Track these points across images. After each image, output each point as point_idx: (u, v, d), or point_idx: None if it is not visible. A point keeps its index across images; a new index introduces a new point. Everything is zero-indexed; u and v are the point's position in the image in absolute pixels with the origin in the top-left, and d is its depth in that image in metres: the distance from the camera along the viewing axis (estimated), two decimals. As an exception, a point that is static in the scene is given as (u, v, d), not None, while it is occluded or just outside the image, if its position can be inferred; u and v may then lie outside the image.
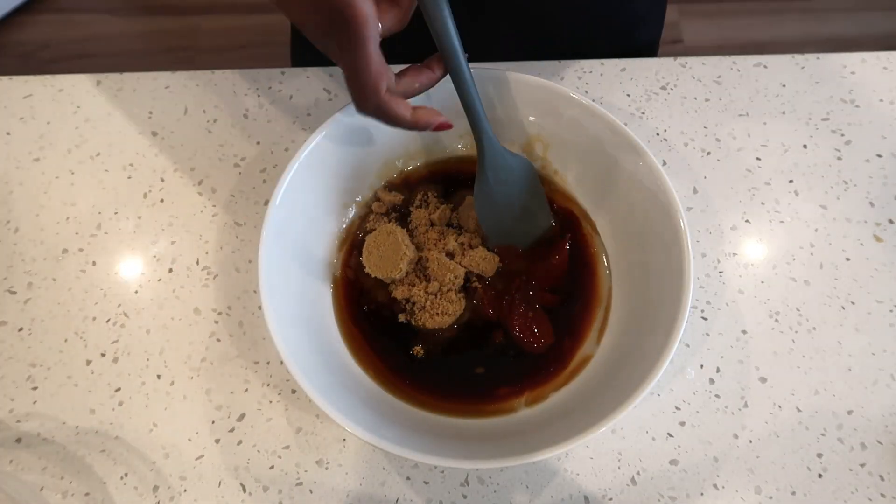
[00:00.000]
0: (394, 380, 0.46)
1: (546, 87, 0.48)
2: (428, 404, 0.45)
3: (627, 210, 0.48)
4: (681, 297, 0.41)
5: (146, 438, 0.46)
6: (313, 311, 0.47)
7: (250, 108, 0.58)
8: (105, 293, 0.51)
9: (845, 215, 0.55)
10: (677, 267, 0.42)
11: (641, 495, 0.45)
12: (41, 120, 0.58)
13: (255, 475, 0.45)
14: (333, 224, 0.50)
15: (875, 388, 0.48)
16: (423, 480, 0.45)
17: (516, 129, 0.51)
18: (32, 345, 0.49)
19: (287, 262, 0.45)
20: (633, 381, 0.39)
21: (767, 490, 0.45)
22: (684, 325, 0.40)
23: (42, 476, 0.45)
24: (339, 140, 0.48)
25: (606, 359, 0.45)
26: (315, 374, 0.41)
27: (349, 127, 0.48)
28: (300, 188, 0.46)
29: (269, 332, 0.40)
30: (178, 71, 0.60)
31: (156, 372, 0.48)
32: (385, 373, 0.46)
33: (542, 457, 0.38)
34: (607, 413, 0.38)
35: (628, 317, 0.46)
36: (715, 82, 0.60)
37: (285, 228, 0.45)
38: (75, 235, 0.53)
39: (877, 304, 0.51)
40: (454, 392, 0.46)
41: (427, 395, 0.45)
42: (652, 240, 0.45)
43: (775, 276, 0.52)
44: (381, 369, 0.46)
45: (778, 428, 0.47)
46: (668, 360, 0.39)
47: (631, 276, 0.48)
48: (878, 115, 0.59)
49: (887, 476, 0.46)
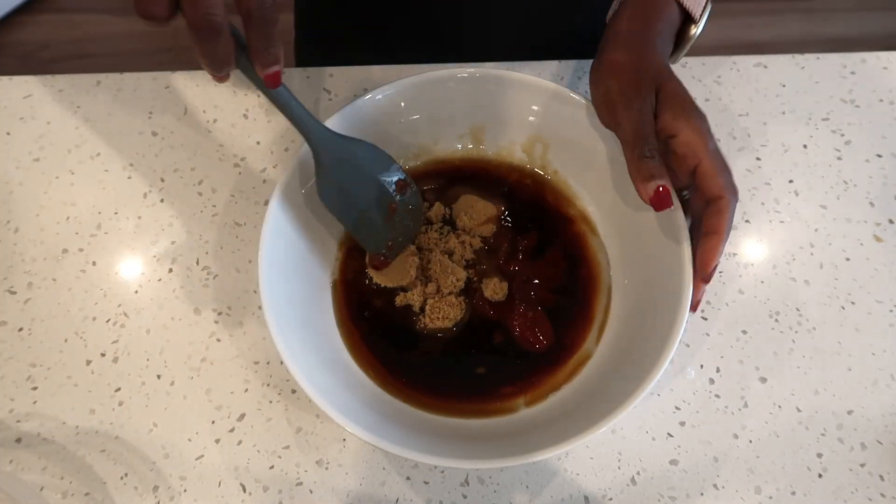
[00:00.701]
0: (393, 380, 0.46)
1: (546, 87, 0.48)
2: (428, 405, 0.45)
3: (627, 209, 0.48)
4: (680, 297, 0.41)
5: (146, 438, 0.46)
6: (313, 311, 0.47)
7: (250, 108, 0.58)
8: (105, 293, 0.51)
9: (845, 215, 0.55)
10: (677, 266, 0.42)
11: (641, 495, 0.45)
12: (41, 120, 0.58)
13: (255, 475, 0.45)
14: (333, 224, 0.50)
15: (875, 388, 0.48)
16: (423, 480, 0.45)
17: (516, 129, 0.51)
18: (32, 345, 0.49)
19: (287, 262, 0.45)
20: (632, 381, 0.39)
21: (767, 490, 0.45)
22: (684, 325, 0.40)
23: (42, 476, 0.45)
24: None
25: (606, 358, 0.45)
26: (315, 375, 0.41)
27: (349, 127, 0.48)
28: (300, 188, 0.46)
29: (270, 332, 0.40)
30: (178, 71, 0.60)
31: (156, 372, 0.48)
32: (385, 373, 0.46)
33: (541, 457, 0.38)
34: (607, 413, 0.38)
35: (628, 316, 0.46)
36: (715, 82, 0.60)
37: (285, 228, 0.45)
38: (75, 235, 0.53)
39: (877, 304, 0.51)
40: (454, 392, 0.46)
41: (427, 396, 0.45)
42: (651, 239, 0.45)
43: (775, 276, 0.52)
44: (381, 370, 0.46)
45: (778, 428, 0.47)
46: (668, 359, 0.39)
47: (631, 276, 0.48)
48: (879, 115, 0.59)
49: (887, 476, 0.46)
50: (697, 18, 0.46)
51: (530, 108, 0.50)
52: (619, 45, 0.44)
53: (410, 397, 0.45)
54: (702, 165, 0.39)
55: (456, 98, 0.50)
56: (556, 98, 0.48)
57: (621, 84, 0.42)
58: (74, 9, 1.64)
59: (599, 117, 0.45)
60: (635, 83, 0.41)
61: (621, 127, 0.41)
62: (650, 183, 0.40)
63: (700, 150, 0.39)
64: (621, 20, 0.45)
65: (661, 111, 0.41)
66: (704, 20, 0.46)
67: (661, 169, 0.40)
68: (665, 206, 0.40)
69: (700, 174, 0.40)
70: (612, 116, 0.42)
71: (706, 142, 0.39)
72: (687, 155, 0.40)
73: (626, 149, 0.41)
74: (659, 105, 0.41)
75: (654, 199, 0.40)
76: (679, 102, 0.40)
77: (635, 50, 0.43)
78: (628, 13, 0.45)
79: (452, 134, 0.52)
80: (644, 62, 0.42)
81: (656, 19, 0.45)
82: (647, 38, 0.44)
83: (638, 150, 0.40)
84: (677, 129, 0.40)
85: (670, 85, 0.41)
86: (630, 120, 0.41)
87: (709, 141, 0.40)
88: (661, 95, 0.41)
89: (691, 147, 0.40)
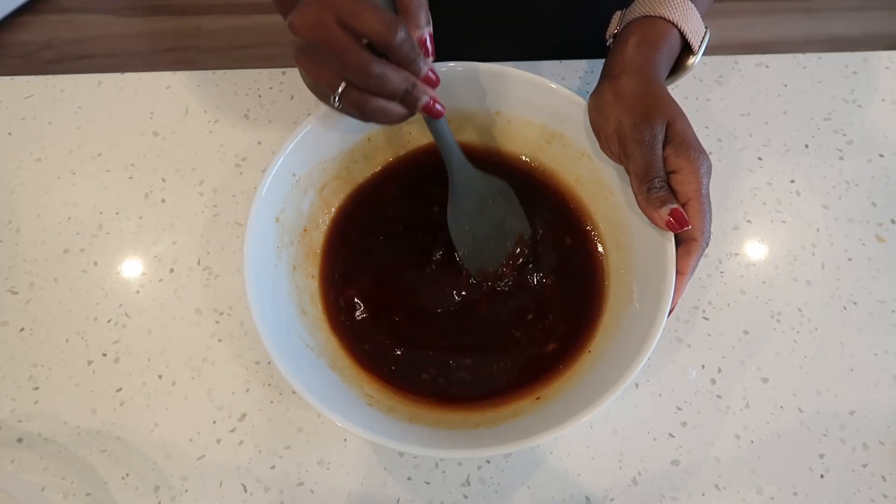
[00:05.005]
0: (391, 384, 0.46)
1: (546, 87, 0.48)
2: (424, 405, 0.45)
3: (626, 208, 0.48)
4: (661, 295, 0.41)
5: (147, 438, 0.46)
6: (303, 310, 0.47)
7: (251, 108, 0.58)
8: (106, 293, 0.51)
9: (847, 215, 0.55)
10: (661, 256, 0.42)
11: (643, 496, 0.45)
12: (43, 120, 0.58)
13: (257, 475, 0.45)
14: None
15: (877, 388, 0.48)
16: (425, 481, 0.45)
17: (516, 129, 0.51)
18: (34, 345, 0.49)
19: (274, 260, 0.45)
20: (621, 366, 0.40)
21: (769, 491, 0.45)
22: (669, 304, 0.40)
23: (43, 476, 0.45)
24: (322, 136, 0.47)
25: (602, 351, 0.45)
26: (310, 376, 0.40)
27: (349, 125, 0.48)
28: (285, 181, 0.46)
29: (259, 334, 0.40)
30: (179, 71, 0.60)
31: (157, 372, 0.48)
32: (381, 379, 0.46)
33: (539, 441, 0.37)
34: (599, 396, 0.38)
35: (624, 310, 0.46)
36: (716, 82, 0.60)
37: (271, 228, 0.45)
38: (76, 236, 0.53)
39: (879, 304, 0.51)
40: (455, 393, 0.45)
41: (425, 398, 0.45)
42: (645, 237, 0.45)
43: (777, 276, 0.52)
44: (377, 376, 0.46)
45: (780, 428, 0.47)
46: (652, 346, 0.39)
47: (627, 271, 0.48)
48: (880, 114, 0.59)
49: (889, 477, 0.46)
50: (696, 50, 0.48)
51: (531, 108, 0.50)
52: (628, 75, 0.45)
53: (408, 398, 0.45)
54: (690, 205, 0.42)
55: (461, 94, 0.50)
56: (556, 98, 0.48)
57: (633, 118, 0.43)
58: (76, 9, 1.64)
59: (604, 147, 0.46)
60: (648, 119, 0.42)
61: (632, 160, 0.43)
62: (663, 209, 0.41)
63: (693, 191, 0.41)
64: (628, 47, 0.46)
65: (667, 145, 0.42)
66: (702, 52, 0.48)
67: (671, 196, 0.42)
68: (683, 226, 0.41)
69: (686, 212, 0.42)
70: (622, 148, 0.43)
71: (701, 185, 0.41)
72: (680, 192, 0.42)
73: (635, 181, 0.43)
74: (666, 140, 0.43)
75: (670, 222, 0.41)
76: (686, 142, 0.42)
77: (645, 82, 0.44)
78: (634, 40, 0.46)
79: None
80: (656, 98, 0.43)
81: (661, 48, 0.46)
82: (656, 68, 0.46)
83: (647, 184, 0.42)
84: (679, 166, 0.42)
85: (680, 124, 0.43)
86: (642, 155, 0.42)
87: (704, 184, 0.42)
88: (670, 132, 0.42)
89: (686, 186, 0.42)
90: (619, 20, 0.50)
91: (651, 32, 0.46)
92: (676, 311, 0.51)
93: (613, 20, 0.50)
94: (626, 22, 0.48)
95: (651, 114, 0.42)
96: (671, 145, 0.42)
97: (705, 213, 0.42)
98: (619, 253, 0.48)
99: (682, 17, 0.46)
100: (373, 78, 0.36)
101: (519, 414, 0.43)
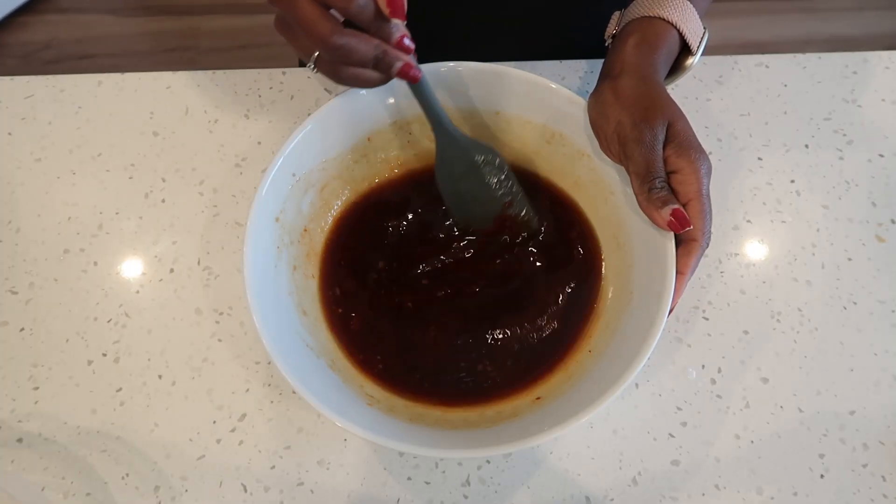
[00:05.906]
0: (391, 384, 0.46)
1: (546, 87, 0.48)
2: (424, 405, 0.45)
3: (626, 208, 0.48)
4: (662, 294, 0.41)
5: (147, 438, 0.46)
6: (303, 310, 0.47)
7: (251, 108, 0.58)
8: (106, 293, 0.51)
9: (847, 215, 0.55)
10: (662, 256, 0.42)
11: (643, 496, 0.45)
12: (43, 120, 0.58)
13: (257, 475, 0.45)
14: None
15: (877, 388, 0.48)
16: (425, 481, 0.45)
17: (516, 129, 0.51)
18: (34, 345, 0.49)
19: (274, 260, 0.45)
20: (621, 366, 0.40)
21: (769, 491, 0.45)
22: (669, 304, 0.40)
23: (43, 476, 0.45)
24: (322, 135, 0.47)
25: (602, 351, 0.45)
26: (310, 376, 0.40)
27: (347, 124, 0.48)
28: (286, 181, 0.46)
29: (259, 334, 0.40)
30: (179, 71, 0.60)
31: (157, 372, 0.48)
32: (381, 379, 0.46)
33: (539, 441, 0.37)
34: (599, 396, 0.38)
35: (624, 310, 0.46)
36: (716, 82, 0.60)
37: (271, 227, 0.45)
38: (77, 236, 0.53)
39: (879, 304, 0.51)
40: (454, 394, 0.45)
41: (425, 398, 0.45)
42: (645, 237, 0.45)
43: (777, 276, 0.52)
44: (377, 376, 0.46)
45: (780, 428, 0.47)
46: (652, 346, 0.39)
47: (627, 271, 0.47)
48: (880, 114, 0.59)
49: (889, 477, 0.46)
50: (695, 50, 0.48)
51: (530, 108, 0.50)
52: (628, 75, 0.45)
53: (407, 398, 0.45)
54: (690, 206, 0.42)
55: (460, 94, 0.50)
56: (556, 97, 0.48)
57: (634, 118, 0.43)
58: (76, 9, 1.64)
59: (604, 147, 0.46)
60: (648, 120, 0.42)
61: (632, 160, 0.43)
62: (664, 209, 0.41)
63: (694, 191, 0.41)
64: (627, 47, 0.46)
65: (667, 146, 0.42)
66: (701, 52, 0.48)
67: (672, 196, 0.42)
68: (684, 226, 0.41)
69: (687, 212, 0.42)
70: (622, 148, 0.43)
71: (701, 185, 0.41)
72: (680, 192, 0.42)
73: (635, 181, 0.43)
74: (666, 140, 0.43)
75: (672, 222, 0.41)
76: (686, 142, 0.42)
77: (645, 82, 0.44)
78: (633, 40, 0.46)
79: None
80: (656, 98, 0.44)
81: (660, 48, 0.46)
82: (655, 68, 0.46)
83: (648, 184, 0.42)
84: (679, 167, 0.42)
85: (680, 124, 0.43)
86: (642, 155, 0.42)
87: (704, 185, 0.42)
88: (670, 132, 0.42)
89: (687, 186, 0.42)
90: (617, 20, 0.50)
91: (650, 33, 0.46)
92: (676, 311, 0.51)
93: (612, 20, 0.50)
94: (624, 22, 0.48)
95: (651, 114, 0.42)
96: (671, 145, 0.42)
97: (706, 213, 0.42)
98: (619, 253, 0.48)
99: (681, 18, 0.46)
100: (336, 49, 0.37)
101: (519, 414, 0.43)
